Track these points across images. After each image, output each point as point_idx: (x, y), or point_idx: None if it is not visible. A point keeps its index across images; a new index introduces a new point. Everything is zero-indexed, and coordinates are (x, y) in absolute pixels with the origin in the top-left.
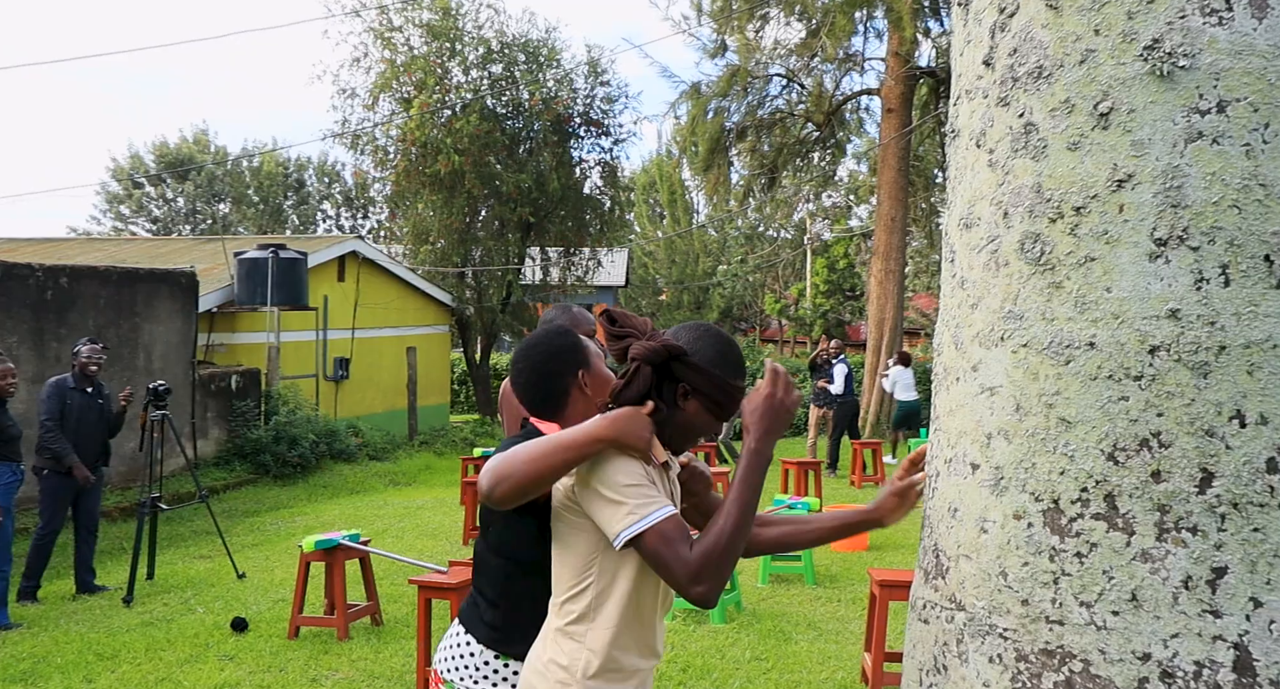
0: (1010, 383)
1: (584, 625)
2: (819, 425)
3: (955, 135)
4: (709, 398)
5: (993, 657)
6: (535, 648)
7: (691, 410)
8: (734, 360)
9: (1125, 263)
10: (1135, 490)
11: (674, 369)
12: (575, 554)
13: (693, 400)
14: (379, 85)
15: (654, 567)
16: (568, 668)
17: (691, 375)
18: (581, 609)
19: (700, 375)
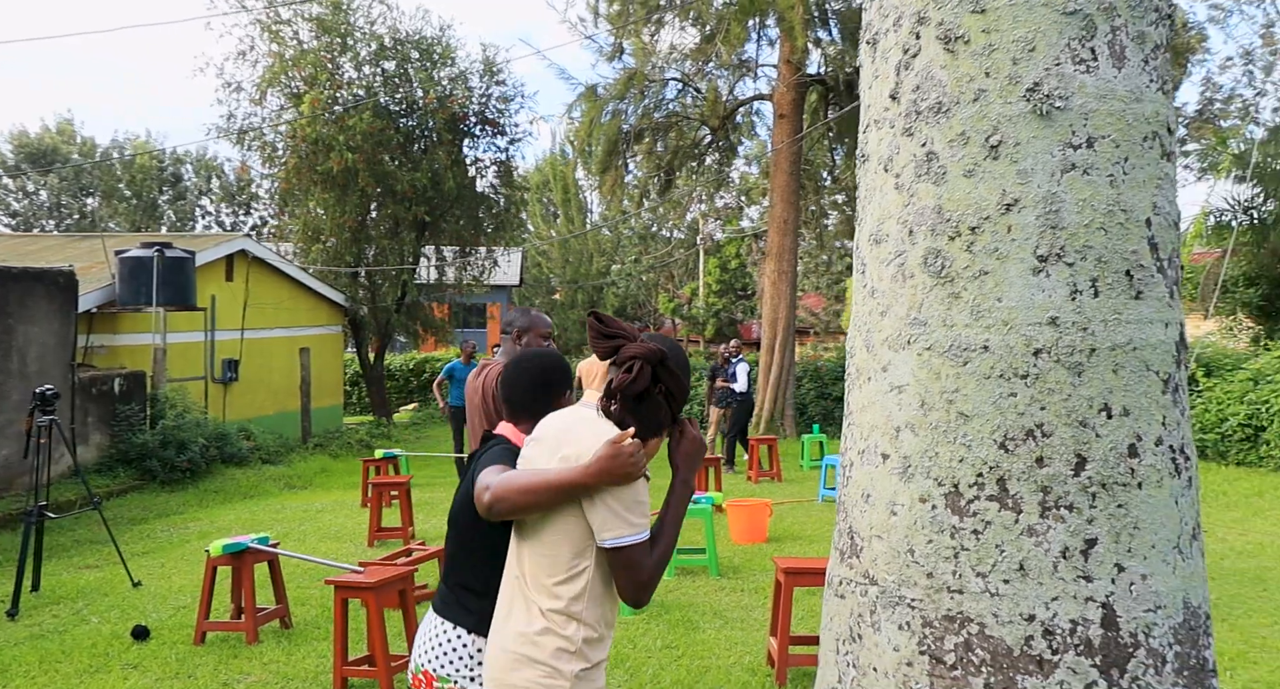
0: (916, 382)
1: (580, 603)
2: (719, 424)
3: (865, 160)
4: (674, 398)
5: (902, 624)
6: (514, 624)
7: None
8: (687, 367)
9: (1013, 276)
10: (1022, 474)
11: (659, 372)
12: (571, 543)
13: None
14: (266, 80)
15: (619, 570)
16: (569, 637)
17: (669, 377)
18: (578, 590)
19: (673, 378)
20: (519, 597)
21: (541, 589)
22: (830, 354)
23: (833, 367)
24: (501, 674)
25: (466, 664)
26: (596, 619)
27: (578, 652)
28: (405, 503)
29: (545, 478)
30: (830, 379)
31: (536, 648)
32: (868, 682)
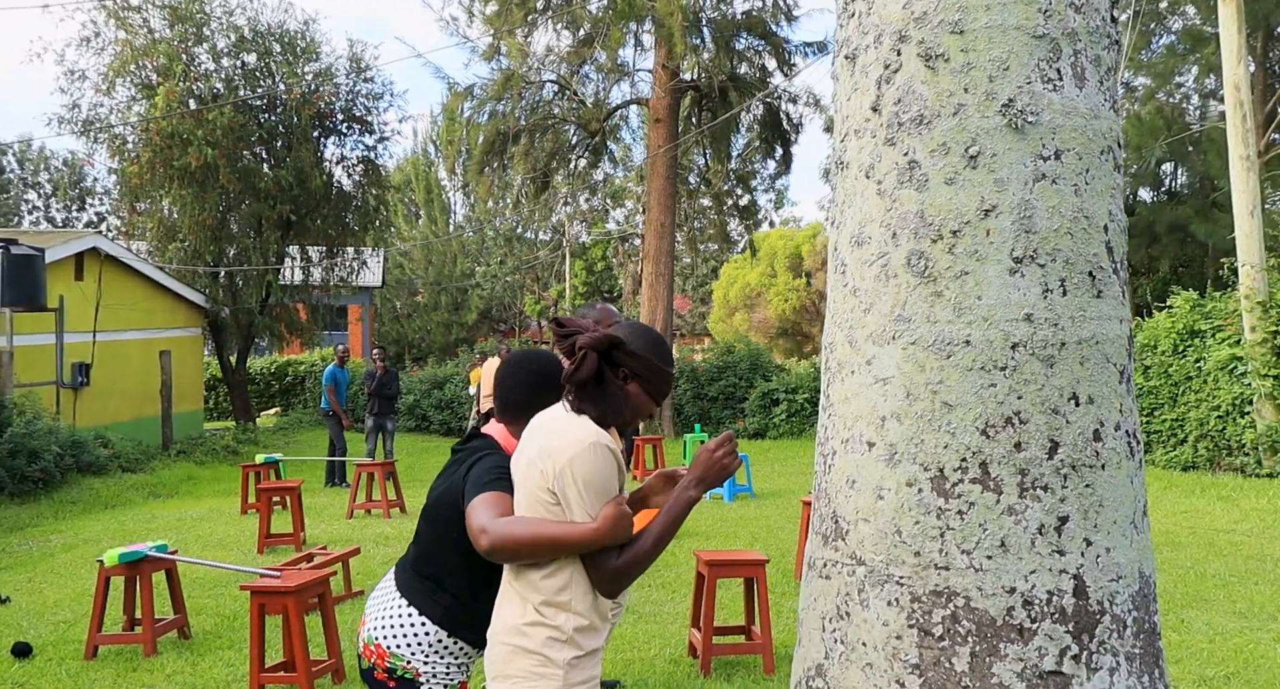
0: (901, 374)
1: (568, 594)
2: None
3: (844, 167)
4: (645, 380)
5: (890, 601)
6: (506, 616)
7: (633, 392)
8: (665, 350)
9: (992, 276)
10: (1003, 459)
11: (615, 356)
12: None
13: (633, 382)
14: (115, 69)
15: (584, 561)
16: (559, 627)
17: (630, 361)
18: (562, 582)
19: (637, 360)
20: (509, 589)
21: (527, 583)
22: (701, 355)
23: (709, 367)
24: (499, 667)
25: (424, 650)
26: (588, 608)
27: (569, 640)
28: (296, 508)
29: (551, 535)
30: (706, 379)
31: (527, 638)
32: (856, 655)
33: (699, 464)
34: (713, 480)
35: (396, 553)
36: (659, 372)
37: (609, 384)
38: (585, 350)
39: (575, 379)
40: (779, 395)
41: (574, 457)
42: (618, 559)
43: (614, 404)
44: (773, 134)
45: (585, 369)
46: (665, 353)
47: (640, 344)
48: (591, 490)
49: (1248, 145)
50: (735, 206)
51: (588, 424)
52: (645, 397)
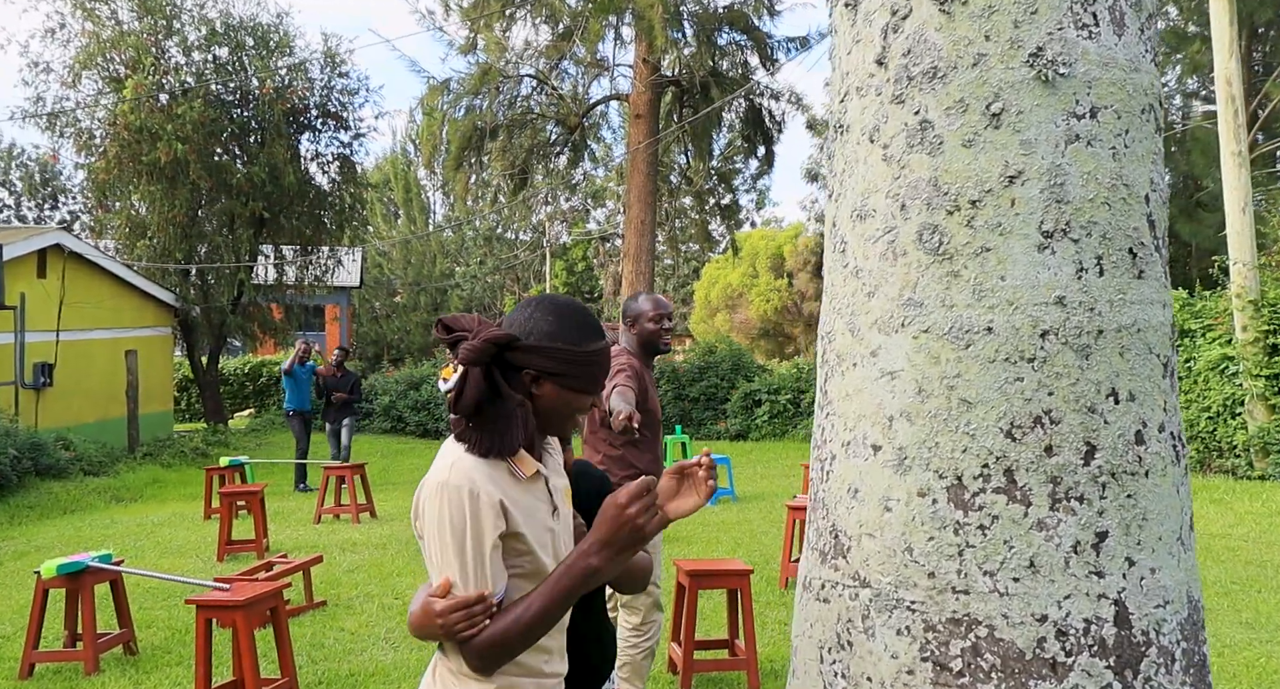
0: (911, 367)
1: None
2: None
3: (844, 130)
4: (561, 374)
5: (900, 629)
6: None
7: (549, 393)
8: (573, 325)
9: (1017, 253)
10: (1031, 464)
11: (513, 359)
12: None
13: (545, 382)
14: (81, 61)
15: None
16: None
17: (531, 358)
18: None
19: (540, 355)
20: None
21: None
22: (682, 356)
23: (690, 367)
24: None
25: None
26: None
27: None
28: (259, 513)
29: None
30: (687, 380)
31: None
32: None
33: (604, 523)
34: (622, 544)
35: (364, 560)
36: (576, 357)
37: (506, 399)
38: (464, 368)
39: (460, 408)
40: (761, 396)
41: (426, 497)
42: (484, 633)
43: (504, 425)
44: (755, 132)
45: (470, 394)
46: (582, 327)
47: (542, 329)
48: (448, 540)
49: (1239, 141)
50: (717, 206)
51: (455, 457)
52: (569, 392)
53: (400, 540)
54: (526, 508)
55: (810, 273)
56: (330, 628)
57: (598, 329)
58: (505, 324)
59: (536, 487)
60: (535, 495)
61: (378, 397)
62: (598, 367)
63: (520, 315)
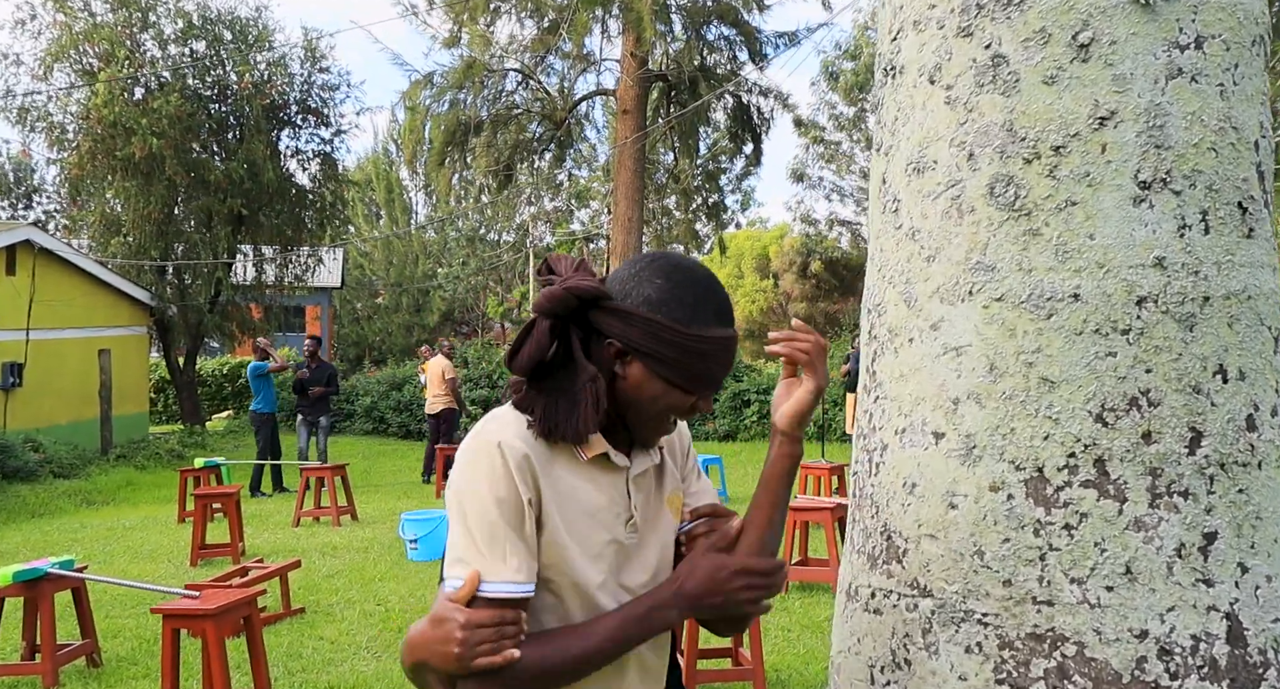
0: (981, 341)
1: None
2: None
3: (897, 72)
4: (655, 356)
5: (970, 646)
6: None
7: (636, 377)
8: (689, 297)
9: (1109, 207)
10: (1126, 454)
11: (600, 322)
12: None
13: (634, 362)
14: (52, 53)
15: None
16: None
17: (617, 325)
18: None
19: (629, 324)
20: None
21: None
22: None
23: None
24: None
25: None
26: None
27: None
28: (234, 516)
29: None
30: None
31: None
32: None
33: (699, 579)
34: (711, 605)
35: (344, 564)
36: (680, 339)
37: (578, 369)
38: (536, 316)
39: (516, 366)
40: (750, 396)
41: (460, 468)
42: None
43: (569, 401)
44: (742, 128)
45: (529, 350)
46: (700, 303)
47: (645, 293)
48: (478, 529)
49: None
50: (704, 205)
51: (505, 422)
52: (660, 382)
53: (383, 544)
54: (578, 498)
55: (796, 274)
56: (309, 636)
57: (723, 311)
58: (610, 278)
59: (606, 479)
60: (600, 488)
61: (359, 397)
62: (710, 359)
63: (628, 270)
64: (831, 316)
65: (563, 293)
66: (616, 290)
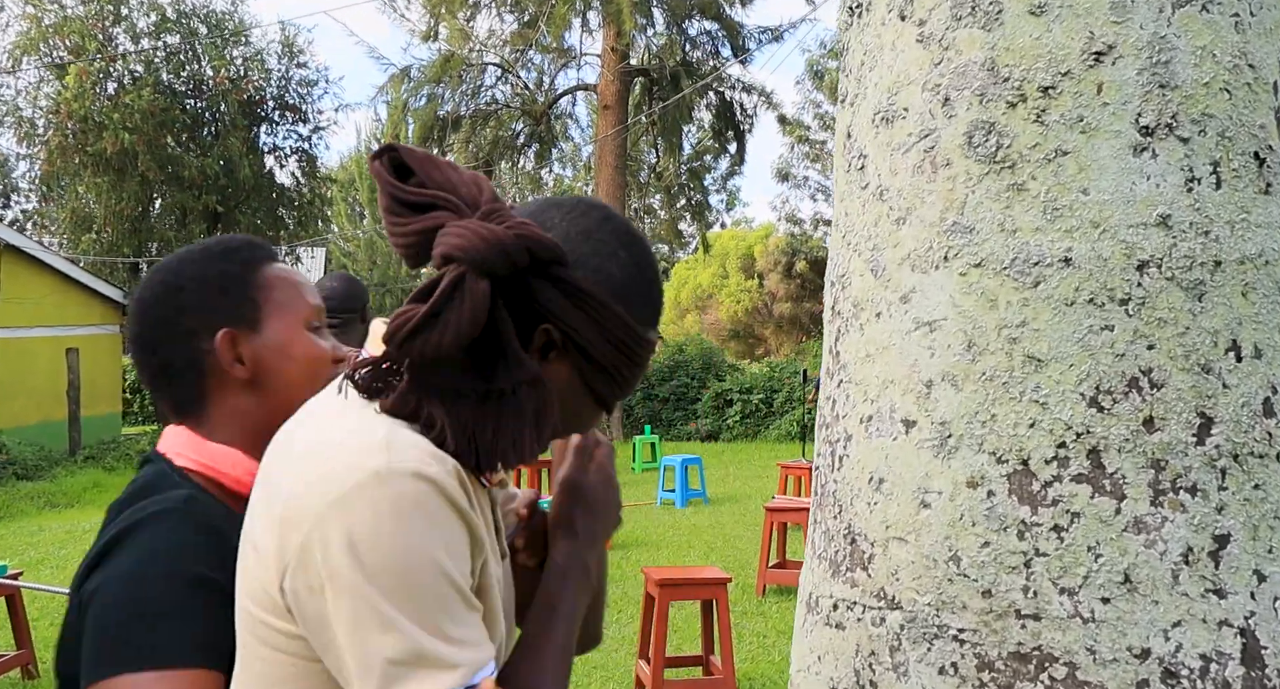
0: (958, 314)
1: None
2: None
3: (864, 10)
4: (594, 360)
5: (945, 666)
6: None
7: (559, 381)
8: (651, 290)
9: (1105, 157)
10: (1124, 443)
11: (538, 294)
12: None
13: (562, 362)
14: (21, 46)
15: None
16: None
17: (565, 307)
18: None
19: (584, 309)
20: None
21: None
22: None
23: (659, 367)
24: None
25: None
26: None
27: None
28: None
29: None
30: (656, 379)
31: None
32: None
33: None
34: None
35: None
36: (635, 347)
37: (516, 367)
38: (460, 270)
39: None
40: (733, 396)
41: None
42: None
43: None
44: (726, 126)
45: (460, 318)
46: (659, 298)
47: (609, 271)
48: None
49: None
50: (688, 204)
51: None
52: (587, 399)
53: None
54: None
55: (781, 273)
56: None
57: (659, 313)
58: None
59: (485, 507)
60: (484, 518)
61: None
62: (640, 371)
63: (573, 224)
64: (816, 317)
65: (515, 240)
66: (569, 252)
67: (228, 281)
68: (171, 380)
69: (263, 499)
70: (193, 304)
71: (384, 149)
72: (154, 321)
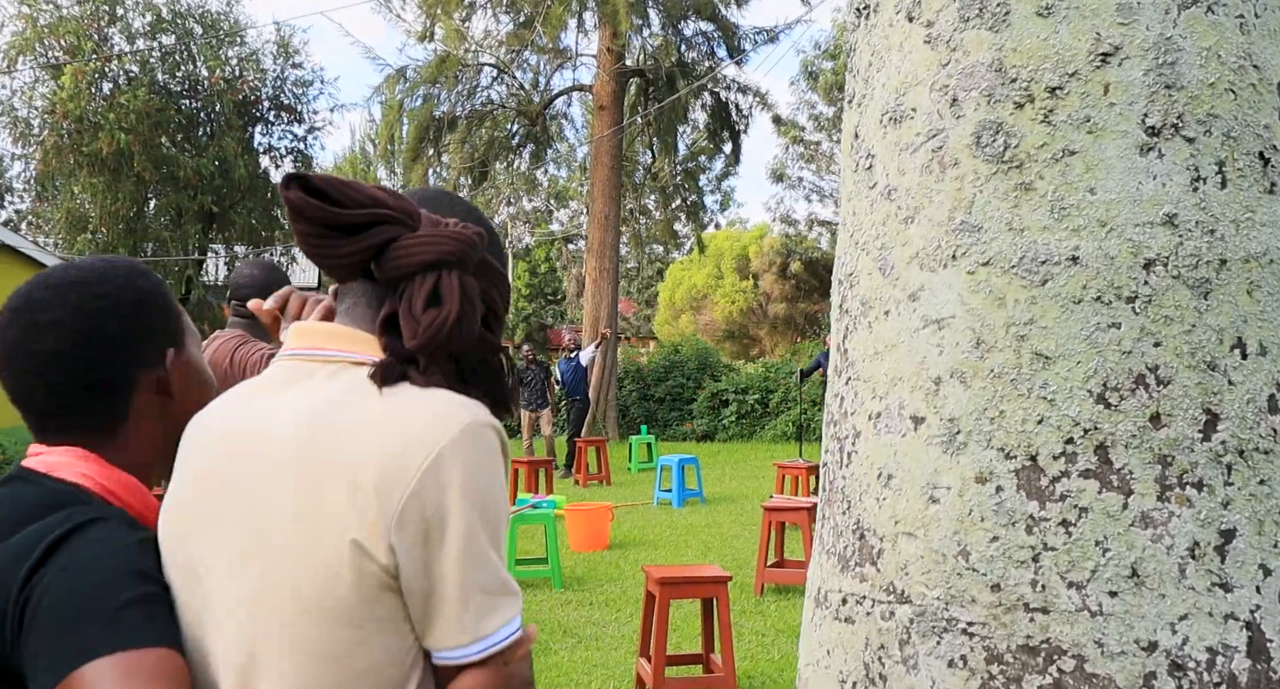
0: (966, 311)
1: None
2: (532, 429)
3: (871, 11)
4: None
5: (954, 659)
6: None
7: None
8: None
9: (1112, 157)
10: (1131, 439)
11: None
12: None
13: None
14: (16, 47)
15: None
16: None
17: (490, 283)
18: None
19: (496, 285)
20: None
21: None
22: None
23: (655, 367)
24: None
25: None
26: None
27: None
28: None
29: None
30: (653, 380)
31: None
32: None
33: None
34: None
35: None
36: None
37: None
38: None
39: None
40: (729, 396)
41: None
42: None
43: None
44: (721, 126)
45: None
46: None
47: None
48: (494, 534)
49: None
50: (683, 204)
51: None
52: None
53: None
54: None
55: (775, 274)
56: None
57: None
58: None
59: None
60: None
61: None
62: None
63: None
64: (811, 317)
65: (476, 238)
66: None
67: (159, 300)
68: (96, 399)
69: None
70: (148, 318)
71: (292, 178)
72: (86, 338)
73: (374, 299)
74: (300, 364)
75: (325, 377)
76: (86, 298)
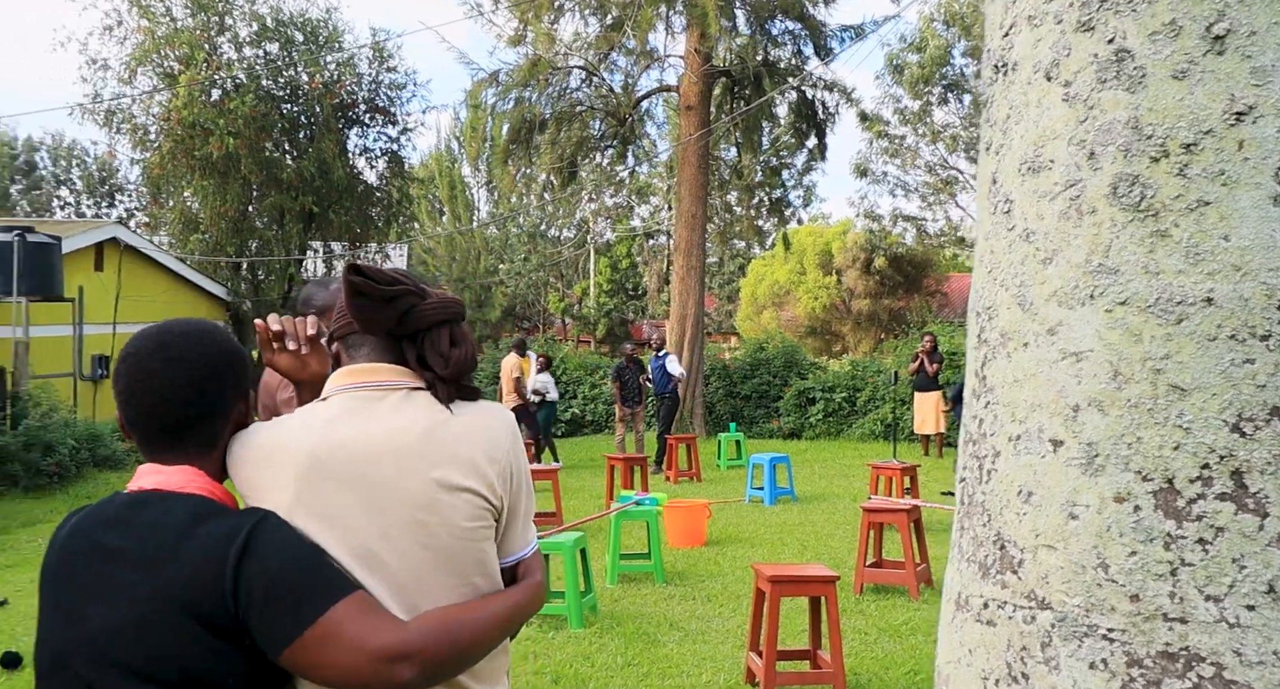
0: (1104, 346)
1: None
2: (626, 422)
3: (1009, 69)
4: None
5: (1095, 662)
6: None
7: None
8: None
9: (1245, 207)
10: (1267, 466)
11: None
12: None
13: None
14: (137, 57)
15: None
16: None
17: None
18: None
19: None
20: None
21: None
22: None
23: (741, 365)
24: None
25: None
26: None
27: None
28: None
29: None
30: (739, 377)
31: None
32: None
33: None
34: None
35: None
36: None
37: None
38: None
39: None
40: (815, 394)
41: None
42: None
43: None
44: (806, 123)
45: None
46: None
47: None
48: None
49: None
50: (767, 200)
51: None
52: None
53: None
54: None
55: (859, 270)
56: None
57: None
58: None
59: None
60: None
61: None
62: None
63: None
64: (896, 313)
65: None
66: None
67: (245, 353)
68: (206, 424)
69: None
70: (240, 367)
71: (352, 268)
72: (208, 375)
73: (388, 347)
74: (369, 393)
75: (399, 399)
76: (207, 345)
